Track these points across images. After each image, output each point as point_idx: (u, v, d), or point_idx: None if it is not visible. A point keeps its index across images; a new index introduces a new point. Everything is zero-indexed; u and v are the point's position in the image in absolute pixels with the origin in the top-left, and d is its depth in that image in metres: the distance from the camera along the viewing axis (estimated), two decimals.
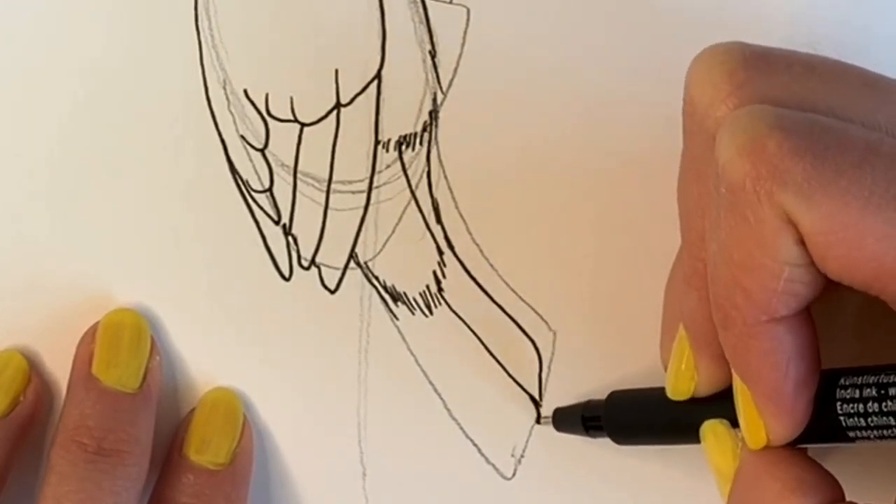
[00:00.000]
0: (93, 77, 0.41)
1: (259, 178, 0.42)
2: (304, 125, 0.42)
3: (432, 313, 0.42)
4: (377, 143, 0.42)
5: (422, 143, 0.42)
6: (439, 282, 0.42)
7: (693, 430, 0.37)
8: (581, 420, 0.41)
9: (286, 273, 0.42)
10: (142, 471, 0.40)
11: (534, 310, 0.42)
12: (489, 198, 0.42)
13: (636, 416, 0.39)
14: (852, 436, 0.34)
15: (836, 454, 0.37)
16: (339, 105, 0.41)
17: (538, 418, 0.42)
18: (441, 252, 0.42)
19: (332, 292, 0.42)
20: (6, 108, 0.41)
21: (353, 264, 0.42)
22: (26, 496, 0.42)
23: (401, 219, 0.42)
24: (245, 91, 0.42)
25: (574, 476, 0.42)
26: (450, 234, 0.42)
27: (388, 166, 0.42)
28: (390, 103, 0.41)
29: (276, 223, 0.42)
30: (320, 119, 0.42)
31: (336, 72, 0.41)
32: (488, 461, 0.42)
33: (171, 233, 0.42)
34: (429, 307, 0.42)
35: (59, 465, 0.39)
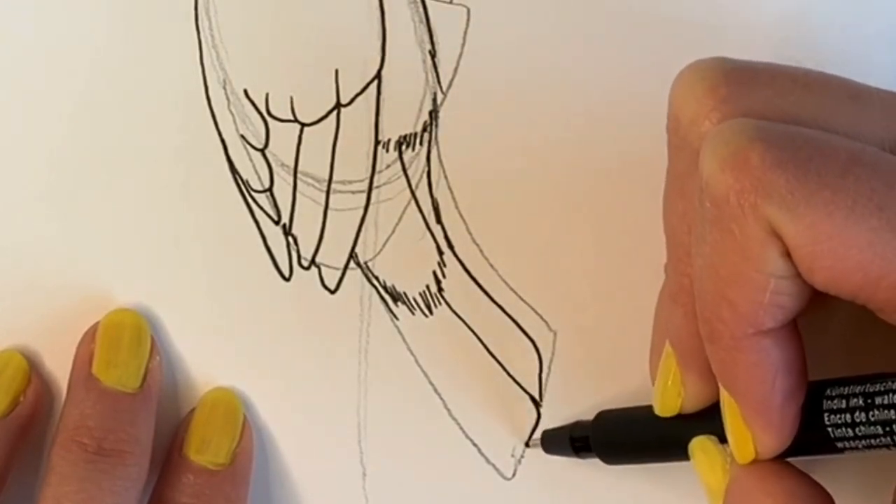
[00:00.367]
0: (93, 77, 0.41)
1: (259, 178, 0.42)
2: (304, 125, 0.42)
3: (432, 313, 0.42)
4: (377, 143, 0.42)
5: (422, 143, 0.42)
6: (439, 282, 0.42)
7: (682, 447, 0.37)
8: (570, 441, 0.41)
9: (286, 273, 0.42)
10: (142, 471, 0.40)
11: (534, 310, 0.42)
12: (489, 198, 0.42)
13: (624, 436, 0.39)
14: (840, 446, 0.34)
15: (825, 464, 0.37)
16: (339, 105, 0.41)
17: (527, 441, 0.42)
18: (441, 252, 0.42)
19: (332, 292, 0.42)
20: (6, 108, 0.41)
21: (353, 264, 0.42)
22: (26, 496, 0.42)
23: (401, 219, 0.42)
24: (245, 91, 0.42)
25: (574, 476, 0.42)
26: (450, 234, 0.42)
27: (388, 166, 0.42)
28: (390, 103, 0.41)
29: (276, 223, 0.42)
30: (320, 119, 0.42)
31: (336, 72, 0.41)
32: (488, 461, 0.42)
33: (171, 233, 0.42)
34: (429, 307, 0.42)
35: (59, 465, 0.39)
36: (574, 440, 0.40)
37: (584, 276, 0.41)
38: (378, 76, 0.41)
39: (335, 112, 0.42)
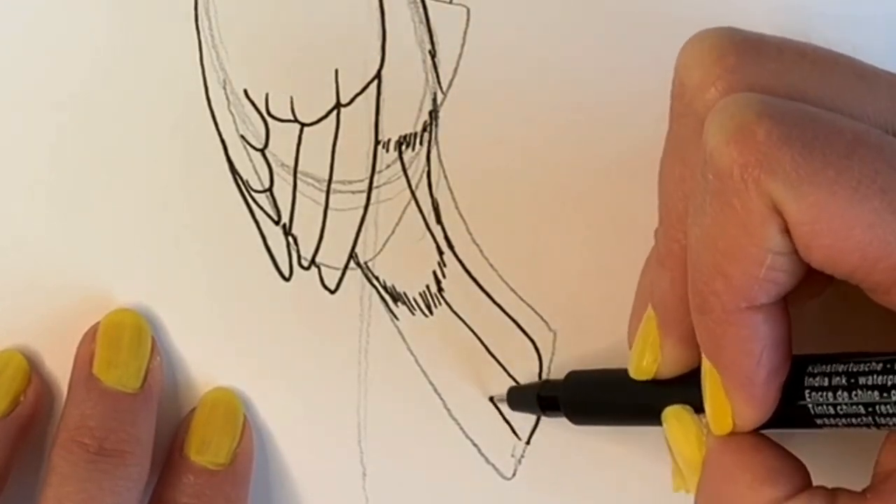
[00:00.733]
0: (93, 77, 0.41)
1: (259, 178, 0.42)
2: (304, 125, 0.42)
3: (432, 313, 0.42)
4: (377, 143, 0.42)
5: (422, 143, 0.42)
6: (439, 282, 0.42)
7: (653, 412, 0.37)
8: (537, 399, 0.41)
9: (286, 273, 0.42)
10: (143, 471, 0.40)
11: (534, 310, 0.42)
12: (489, 198, 0.42)
13: (595, 396, 0.39)
14: (820, 423, 0.34)
15: (803, 436, 0.37)
16: (339, 105, 0.41)
17: (491, 397, 0.42)
18: (441, 252, 0.42)
19: (332, 292, 0.42)
20: (6, 108, 0.41)
21: (353, 264, 0.42)
22: (27, 496, 0.42)
23: (401, 219, 0.42)
24: (245, 91, 0.42)
25: (574, 476, 0.42)
26: (450, 234, 0.42)
27: (389, 166, 0.42)
28: (390, 103, 0.41)
29: (276, 223, 0.42)
30: (320, 119, 0.42)
31: (336, 72, 0.41)
32: (488, 461, 0.42)
33: (171, 233, 0.42)
34: (429, 307, 0.42)
35: (60, 465, 0.39)
36: (542, 398, 0.40)
37: (585, 276, 0.41)
38: (378, 76, 0.41)
39: (335, 112, 0.42)
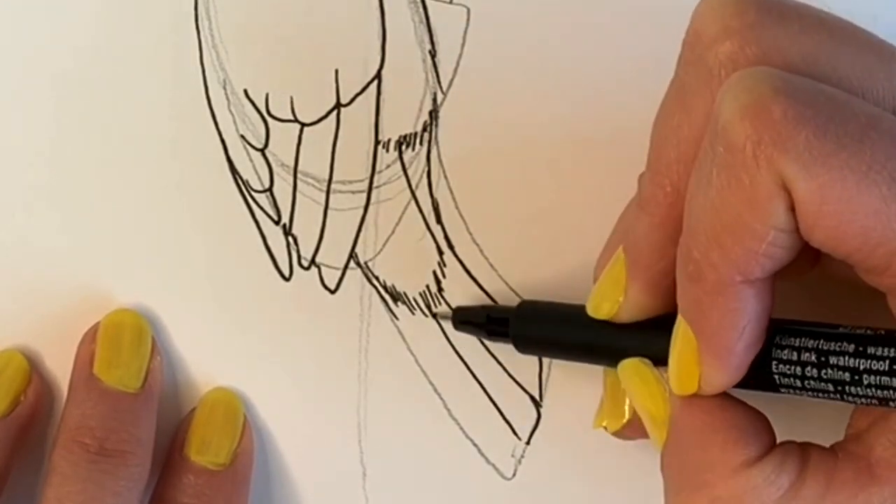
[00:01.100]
0: (93, 77, 0.41)
1: (259, 178, 0.42)
2: (304, 125, 0.42)
3: (432, 313, 0.42)
4: (377, 143, 0.42)
5: (422, 143, 0.42)
6: (439, 282, 0.42)
7: (604, 352, 0.37)
8: (486, 320, 0.40)
9: (286, 273, 0.42)
10: (144, 471, 0.40)
11: None
12: (489, 198, 0.42)
13: (546, 328, 0.39)
14: (784, 391, 0.34)
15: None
16: (339, 105, 0.41)
17: (434, 313, 0.42)
18: (441, 252, 0.42)
19: (332, 292, 0.42)
20: (5, 108, 0.41)
21: (353, 264, 0.42)
22: (27, 496, 0.42)
23: (401, 219, 0.42)
24: (245, 91, 0.42)
25: (574, 476, 0.42)
26: (450, 234, 0.42)
27: (388, 166, 0.42)
28: (390, 103, 0.42)
29: (276, 223, 0.42)
30: (320, 119, 0.42)
31: (336, 72, 0.41)
32: (488, 461, 0.42)
33: (171, 233, 0.42)
34: (429, 307, 0.42)
35: (60, 465, 0.39)
36: (491, 320, 0.40)
37: (585, 276, 0.41)
38: (378, 76, 0.41)
39: (335, 112, 0.42)
